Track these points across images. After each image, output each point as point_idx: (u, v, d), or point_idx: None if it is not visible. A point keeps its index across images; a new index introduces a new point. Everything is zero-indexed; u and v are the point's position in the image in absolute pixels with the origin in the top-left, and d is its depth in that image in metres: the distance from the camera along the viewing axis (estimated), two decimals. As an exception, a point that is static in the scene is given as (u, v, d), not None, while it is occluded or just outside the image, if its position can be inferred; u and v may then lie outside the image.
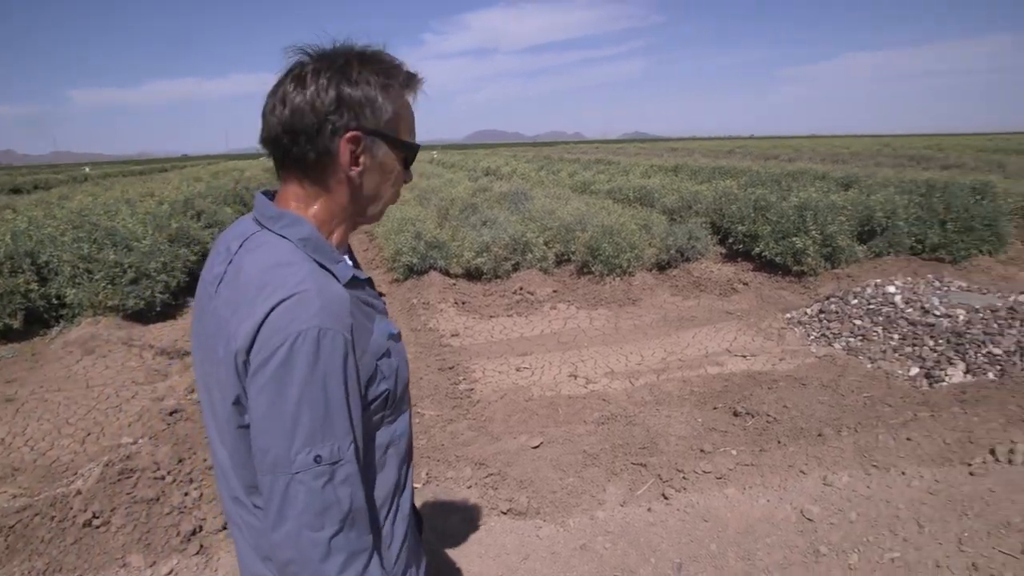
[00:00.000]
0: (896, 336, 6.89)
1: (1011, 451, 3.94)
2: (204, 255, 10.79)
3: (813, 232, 9.43)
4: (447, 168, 33.89)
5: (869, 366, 6.34)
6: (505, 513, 3.95)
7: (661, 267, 10.25)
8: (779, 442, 4.52)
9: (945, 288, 8.16)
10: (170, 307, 8.90)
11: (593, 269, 9.53)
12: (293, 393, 1.11)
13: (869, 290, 8.13)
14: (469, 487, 4.25)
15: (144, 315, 8.44)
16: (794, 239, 9.45)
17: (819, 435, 4.56)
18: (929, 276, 8.80)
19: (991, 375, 5.79)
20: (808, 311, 7.99)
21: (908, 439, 4.29)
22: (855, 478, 3.95)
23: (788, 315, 8.01)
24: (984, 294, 7.85)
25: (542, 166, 27.61)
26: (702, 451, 4.47)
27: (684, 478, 4.13)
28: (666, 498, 3.97)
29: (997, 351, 6.10)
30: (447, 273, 9.88)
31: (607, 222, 9.80)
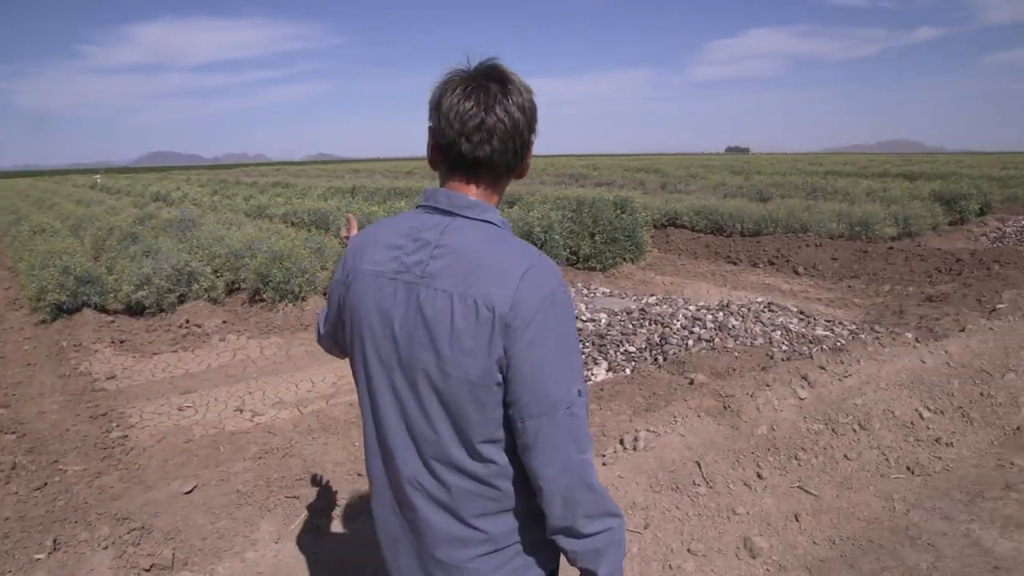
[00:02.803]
0: (552, 342, 7.45)
1: (635, 439, 4.39)
2: None
3: (479, 248, 9.85)
4: (111, 194, 30.76)
5: (528, 372, 6.77)
6: (148, 571, 3.57)
7: (336, 290, 10.09)
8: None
9: (592, 295, 9.04)
10: None
11: (265, 296, 9.11)
12: (561, 340, 1.30)
13: (529, 300, 8.72)
14: (105, 547, 3.77)
15: None
16: (462, 256, 9.79)
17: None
18: (579, 284, 9.70)
19: (628, 371, 6.48)
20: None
21: (553, 438, 4.62)
22: (506, 482, 4.14)
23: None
24: (623, 298, 8.83)
25: (216, 190, 26.20)
26: (359, 475, 4.42)
27: (336, 505, 4.05)
28: (319, 528, 3.85)
29: (632, 349, 6.86)
30: (104, 310, 8.95)
31: (278, 247, 9.43)
